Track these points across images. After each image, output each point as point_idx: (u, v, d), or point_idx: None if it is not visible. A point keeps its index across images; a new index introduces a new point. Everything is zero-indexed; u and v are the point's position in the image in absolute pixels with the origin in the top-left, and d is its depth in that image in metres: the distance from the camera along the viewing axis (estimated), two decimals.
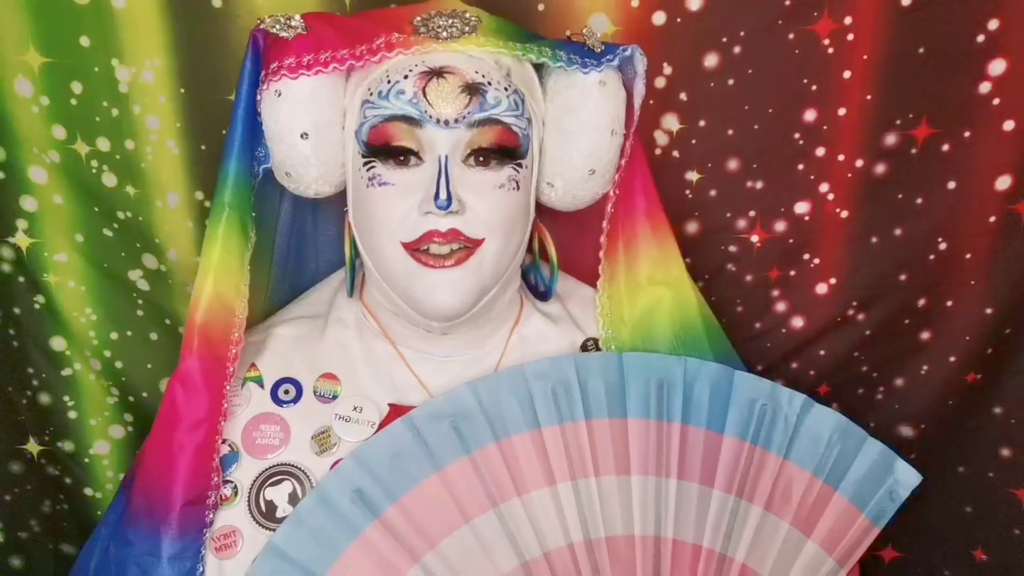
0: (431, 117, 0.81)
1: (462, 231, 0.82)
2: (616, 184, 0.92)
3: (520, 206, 0.87)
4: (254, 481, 0.86)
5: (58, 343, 1.25)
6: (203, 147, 1.12)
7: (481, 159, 0.84)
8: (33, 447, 1.32)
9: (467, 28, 0.84)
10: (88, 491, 1.33)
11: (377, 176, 0.84)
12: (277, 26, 0.84)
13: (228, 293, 0.85)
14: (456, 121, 0.82)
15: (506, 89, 0.84)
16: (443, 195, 0.80)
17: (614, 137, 0.88)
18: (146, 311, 1.24)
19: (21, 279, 1.22)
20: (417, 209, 0.82)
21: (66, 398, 1.28)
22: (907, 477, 0.89)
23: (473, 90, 0.82)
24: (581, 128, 0.87)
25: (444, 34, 0.84)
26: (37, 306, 1.23)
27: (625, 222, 0.93)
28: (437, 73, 0.82)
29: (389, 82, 0.83)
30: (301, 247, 1.02)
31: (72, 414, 1.29)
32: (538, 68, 0.90)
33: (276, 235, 0.99)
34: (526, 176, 0.87)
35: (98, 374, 1.27)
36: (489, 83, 0.83)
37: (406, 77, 0.82)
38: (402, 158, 0.83)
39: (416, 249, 0.83)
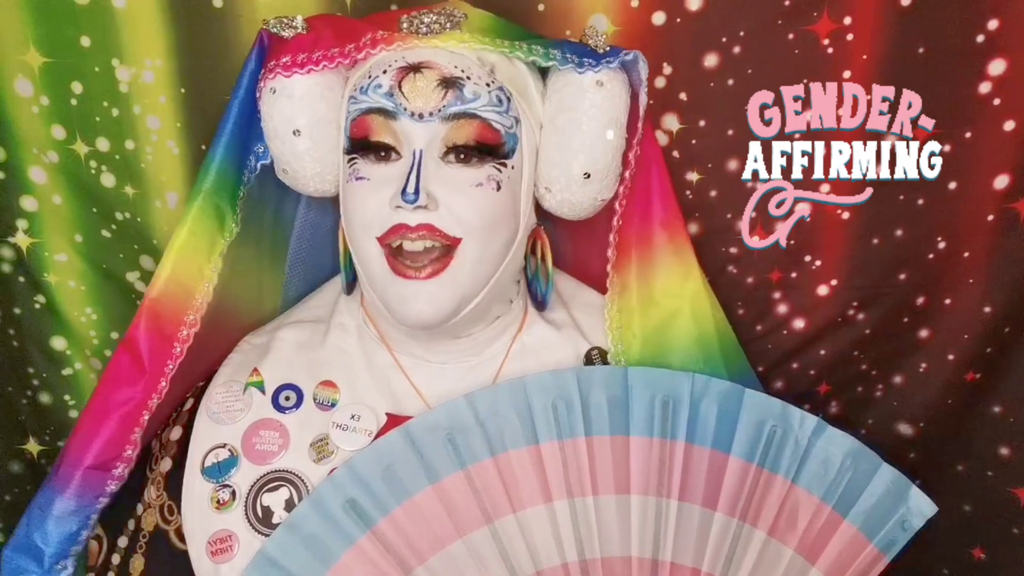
0: (405, 110, 0.81)
1: (435, 226, 0.80)
2: (624, 195, 0.90)
3: (502, 207, 0.85)
4: (252, 486, 0.85)
5: (58, 343, 1.25)
6: (203, 147, 1.12)
7: (461, 156, 0.83)
8: (33, 447, 1.32)
9: (449, 24, 0.84)
10: None
11: (356, 171, 0.84)
12: (279, 26, 0.85)
13: (188, 275, 0.86)
14: (431, 115, 0.81)
15: (488, 85, 0.83)
16: (411, 187, 0.79)
17: (611, 140, 0.86)
18: None
19: (21, 279, 1.22)
20: (389, 203, 0.81)
21: (67, 398, 1.28)
22: (921, 506, 0.86)
23: (449, 83, 0.81)
24: (575, 129, 0.85)
25: (424, 29, 0.84)
26: (37, 306, 1.23)
27: (640, 232, 0.92)
28: (414, 68, 0.82)
29: (370, 77, 0.83)
30: (315, 245, 1.02)
31: (73, 413, 1.29)
32: (544, 71, 0.89)
33: (292, 235, 1.00)
34: (511, 177, 0.85)
35: (99, 374, 1.27)
36: (468, 77, 0.82)
37: (385, 72, 0.83)
38: (383, 154, 0.83)
39: (389, 246, 0.82)
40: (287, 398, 0.89)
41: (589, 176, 0.86)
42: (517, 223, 0.88)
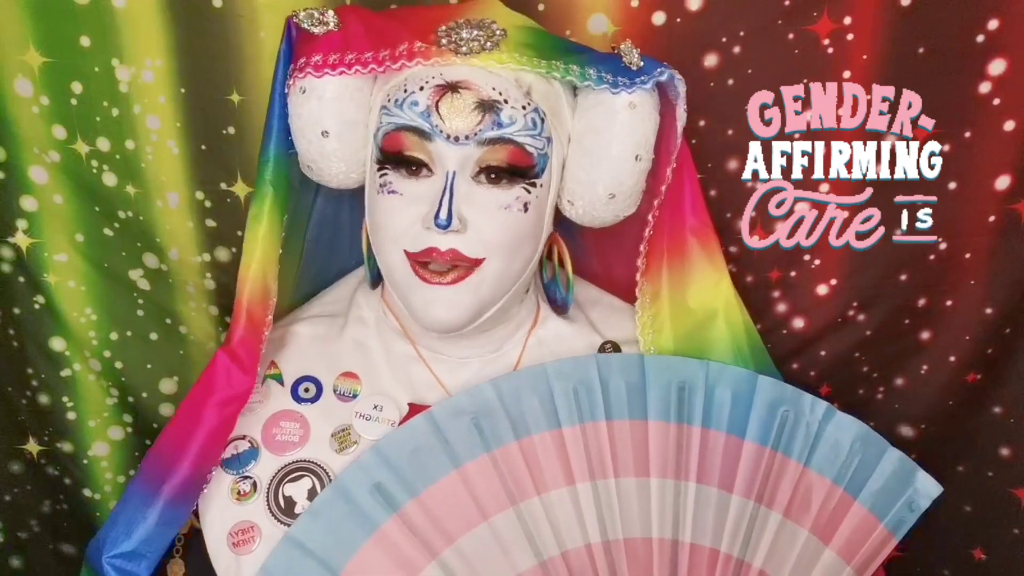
0: (441, 132, 0.81)
1: (461, 251, 0.82)
2: (657, 207, 0.91)
3: (528, 227, 0.86)
4: (273, 477, 0.86)
5: (58, 343, 1.25)
6: (203, 147, 1.12)
7: (492, 176, 0.83)
8: (33, 447, 1.32)
9: (489, 43, 0.83)
10: (87, 492, 1.33)
11: (388, 183, 0.84)
12: (309, 21, 0.85)
13: (269, 272, 0.87)
14: (467, 138, 0.81)
15: (523, 108, 0.83)
16: (443, 214, 0.80)
17: (638, 163, 0.86)
18: (146, 311, 1.24)
19: (21, 279, 1.22)
20: (420, 222, 0.82)
21: (65, 399, 1.28)
22: (927, 488, 0.89)
23: (487, 107, 0.81)
24: (604, 151, 0.86)
25: (464, 48, 0.83)
26: (37, 306, 1.23)
27: (672, 240, 0.93)
28: (452, 88, 0.82)
29: (406, 91, 0.83)
30: (335, 236, 1.02)
31: (71, 415, 1.29)
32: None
33: (309, 223, 0.99)
34: (539, 195, 0.86)
35: (98, 375, 1.26)
36: (505, 101, 0.82)
37: (421, 89, 0.82)
38: (414, 168, 0.83)
39: (417, 260, 0.83)
40: (306, 390, 0.91)
41: (614, 196, 0.88)
42: (540, 238, 0.89)
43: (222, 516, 0.85)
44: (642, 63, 0.86)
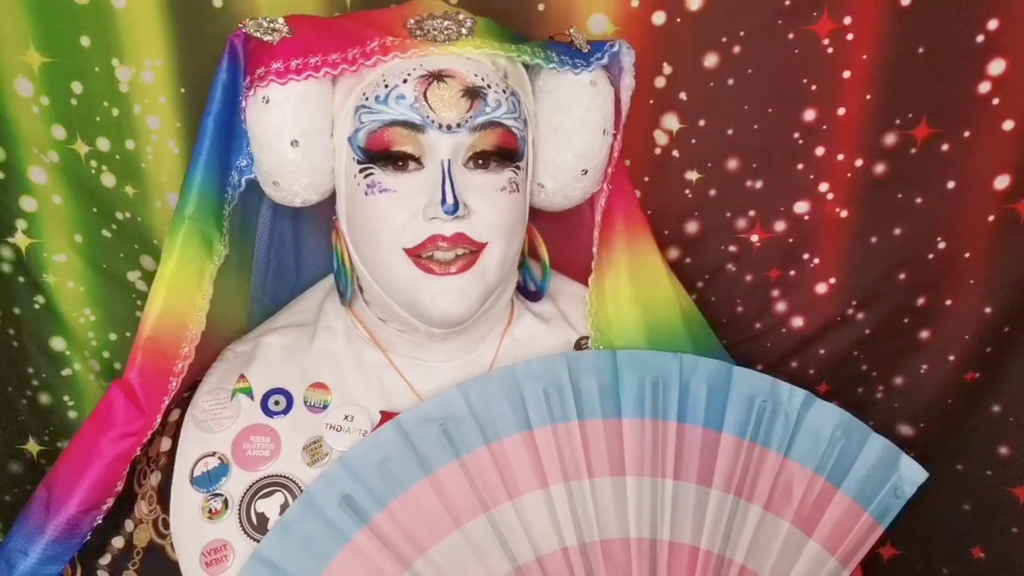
0: (433, 122, 0.81)
1: (467, 235, 0.81)
2: (607, 180, 0.92)
3: (520, 208, 0.86)
4: (244, 493, 0.84)
5: (58, 343, 1.25)
6: None
7: (480, 161, 0.83)
8: (33, 447, 1.32)
9: (463, 30, 0.84)
10: None
11: (377, 183, 0.82)
12: (260, 30, 0.82)
13: (180, 308, 0.83)
14: (459, 125, 0.81)
15: (504, 91, 0.83)
16: (450, 200, 0.79)
17: (606, 136, 0.88)
18: None
19: (21, 279, 1.22)
20: (421, 215, 0.81)
21: (66, 398, 1.28)
22: (912, 474, 0.88)
23: (474, 93, 0.81)
24: (575, 128, 0.87)
25: (441, 36, 0.83)
26: (37, 306, 1.23)
27: (605, 219, 0.94)
28: (437, 77, 0.81)
29: (387, 86, 0.82)
30: (282, 257, 1.00)
31: (72, 414, 1.29)
32: (527, 68, 0.90)
33: (255, 245, 0.97)
34: (523, 177, 0.87)
35: (97, 375, 1.27)
36: (489, 86, 0.82)
37: (405, 81, 0.81)
38: (401, 163, 0.82)
39: (419, 255, 0.82)
40: (276, 402, 0.88)
41: (587, 172, 0.89)
42: (526, 220, 0.89)
43: (194, 535, 0.83)
44: (589, 46, 0.87)
